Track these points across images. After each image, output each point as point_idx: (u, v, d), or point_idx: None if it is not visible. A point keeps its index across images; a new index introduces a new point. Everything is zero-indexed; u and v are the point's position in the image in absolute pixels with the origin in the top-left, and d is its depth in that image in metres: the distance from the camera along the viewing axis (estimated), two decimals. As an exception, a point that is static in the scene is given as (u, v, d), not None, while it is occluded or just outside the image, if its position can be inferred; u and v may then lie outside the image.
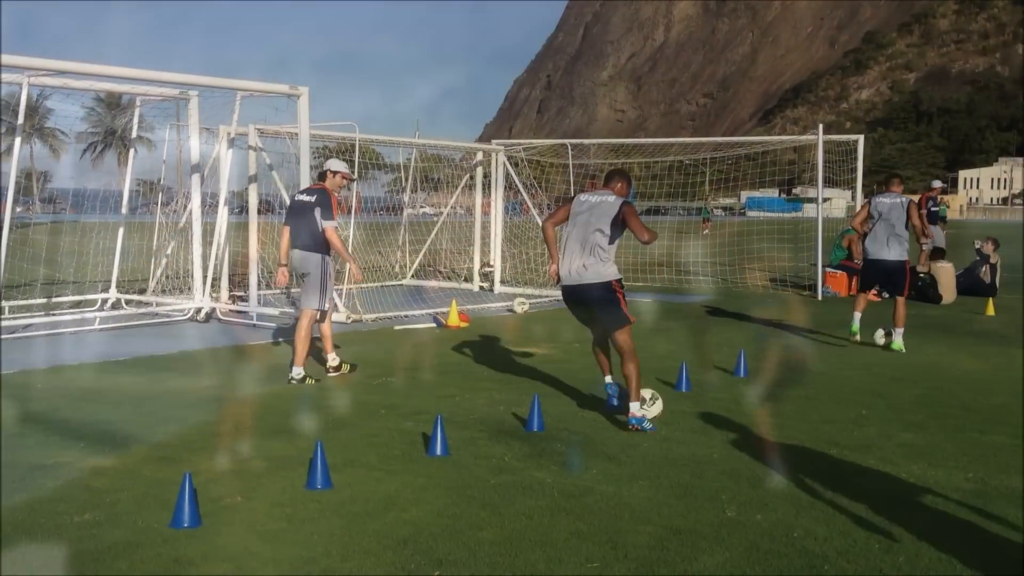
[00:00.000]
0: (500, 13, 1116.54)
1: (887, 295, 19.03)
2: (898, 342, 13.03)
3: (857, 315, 13.46)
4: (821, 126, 21.87)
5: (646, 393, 8.51)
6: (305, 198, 10.68)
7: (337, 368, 10.66)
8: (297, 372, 10.23)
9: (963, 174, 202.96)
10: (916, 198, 17.11)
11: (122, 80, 15.11)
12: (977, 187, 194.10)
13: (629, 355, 8.48)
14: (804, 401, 9.48)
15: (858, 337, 13.38)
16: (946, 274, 19.62)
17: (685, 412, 8.91)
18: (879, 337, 13.28)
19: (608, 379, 9.12)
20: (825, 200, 22.54)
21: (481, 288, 21.11)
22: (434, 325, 14.99)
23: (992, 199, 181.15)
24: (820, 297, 20.10)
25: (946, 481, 6.78)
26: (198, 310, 15.42)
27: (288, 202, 12.03)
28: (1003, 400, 9.68)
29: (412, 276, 22.71)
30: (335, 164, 11.00)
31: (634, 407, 8.33)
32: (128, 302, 16.42)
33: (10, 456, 7.10)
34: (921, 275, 20.11)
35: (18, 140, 15.14)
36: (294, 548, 5.34)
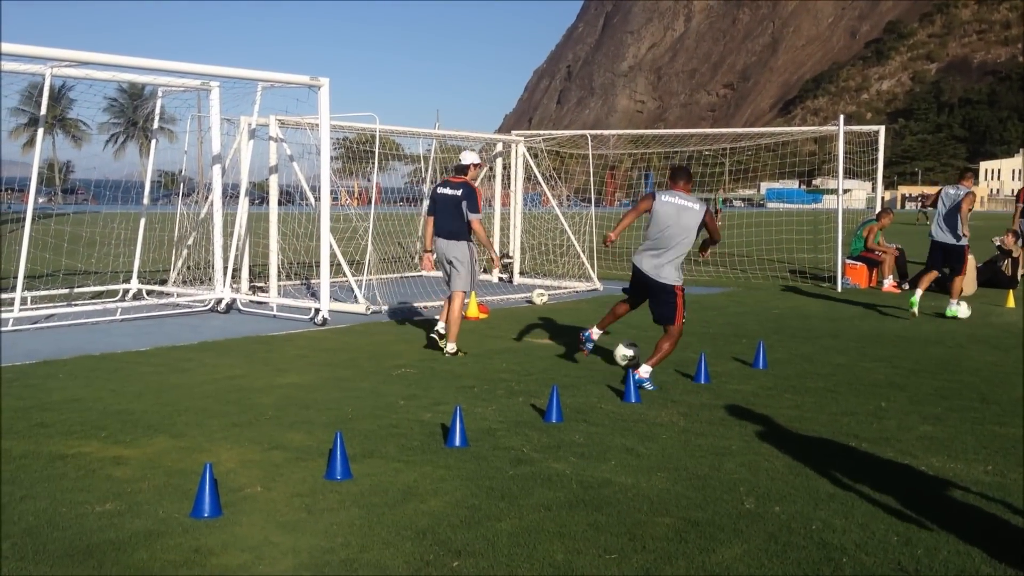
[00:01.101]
0: (521, 3, 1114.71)
1: (907, 286, 19.37)
2: (952, 309, 15.28)
3: (919, 292, 15.37)
4: (842, 117, 21.78)
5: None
6: (449, 191, 11.70)
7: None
8: (451, 348, 11.43)
9: (984, 165, 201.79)
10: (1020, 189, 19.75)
11: (144, 71, 15.15)
12: (998, 178, 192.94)
13: (672, 339, 9.86)
14: (823, 393, 9.48)
15: (915, 311, 15.14)
16: (967, 266, 19.51)
17: (704, 404, 8.92)
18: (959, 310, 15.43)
19: (595, 332, 10.59)
20: (845, 191, 22.45)
21: (500, 279, 21.13)
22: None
23: (1013, 190, 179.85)
24: (840, 289, 20.05)
25: (965, 474, 6.77)
26: (219, 301, 15.48)
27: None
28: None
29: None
30: (472, 157, 12.05)
31: (644, 369, 9.64)
32: (149, 293, 16.49)
33: (32, 446, 7.16)
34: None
35: (40, 131, 15.23)
36: (313, 538, 5.37)
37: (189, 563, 5.01)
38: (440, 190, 11.84)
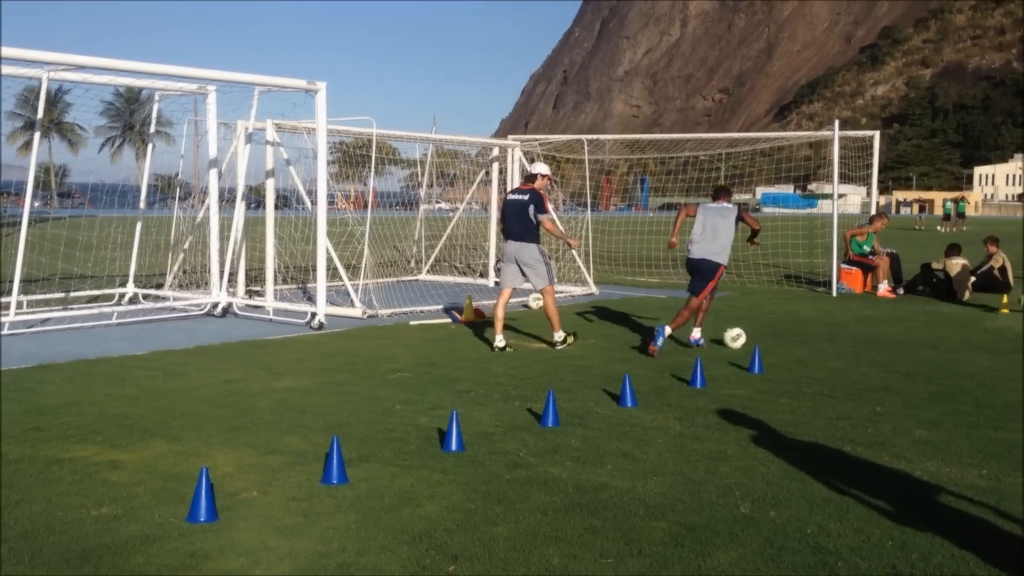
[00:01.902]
0: (517, 7, 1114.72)
1: (902, 291, 19.59)
2: None
3: None
4: (837, 122, 21.81)
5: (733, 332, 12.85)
6: (518, 198, 12.56)
7: (503, 348, 12.19)
8: (559, 336, 12.53)
9: (979, 170, 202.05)
10: None
11: (141, 75, 15.16)
12: (992, 184, 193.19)
13: (690, 308, 12.55)
14: (819, 398, 9.49)
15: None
16: (960, 271, 19.56)
17: (700, 408, 8.94)
18: None
19: (696, 332, 12.76)
20: (840, 196, 22.44)
21: (496, 284, 21.11)
22: (449, 320, 15.02)
23: (1008, 195, 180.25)
24: (835, 294, 20.07)
25: (960, 478, 6.78)
26: (215, 305, 15.48)
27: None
28: (1017, 397, 9.65)
29: (428, 271, 22.75)
30: (542, 168, 13.03)
31: (696, 332, 12.78)
32: (145, 297, 16.48)
33: (28, 450, 7.16)
34: (936, 272, 20.07)
35: (37, 134, 15.20)
36: (310, 542, 5.38)
37: (185, 567, 5.01)
38: (510, 196, 12.77)
